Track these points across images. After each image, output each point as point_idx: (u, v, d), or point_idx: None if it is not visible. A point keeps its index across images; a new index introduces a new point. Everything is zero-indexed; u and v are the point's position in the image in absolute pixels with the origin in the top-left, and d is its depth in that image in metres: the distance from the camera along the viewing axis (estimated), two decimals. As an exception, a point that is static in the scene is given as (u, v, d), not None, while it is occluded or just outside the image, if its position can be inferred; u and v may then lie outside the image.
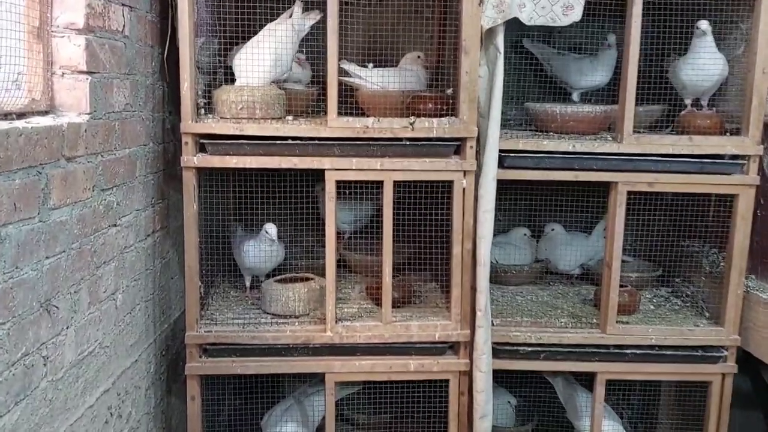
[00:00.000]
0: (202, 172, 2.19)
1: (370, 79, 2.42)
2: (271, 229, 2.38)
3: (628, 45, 2.17)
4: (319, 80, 2.51)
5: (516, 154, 2.24)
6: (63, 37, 1.66)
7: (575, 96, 2.68)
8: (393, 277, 2.22)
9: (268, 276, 2.48)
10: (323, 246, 2.19)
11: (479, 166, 2.18)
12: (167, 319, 2.37)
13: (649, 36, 2.50)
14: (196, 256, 2.17)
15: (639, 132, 2.33)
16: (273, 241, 2.42)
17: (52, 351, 1.51)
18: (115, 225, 1.90)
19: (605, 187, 2.31)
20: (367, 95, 2.36)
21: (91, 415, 1.71)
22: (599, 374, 2.34)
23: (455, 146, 2.18)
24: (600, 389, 2.36)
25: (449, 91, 2.22)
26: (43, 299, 1.47)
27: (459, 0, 2.09)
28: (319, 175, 2.18)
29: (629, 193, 2.26)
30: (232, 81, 2.26)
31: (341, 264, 2.71)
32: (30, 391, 1.41)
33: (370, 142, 2.13)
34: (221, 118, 2.16)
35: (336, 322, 2.19)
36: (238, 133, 2.09)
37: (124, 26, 1.92)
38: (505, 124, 2.42)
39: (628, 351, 2.33)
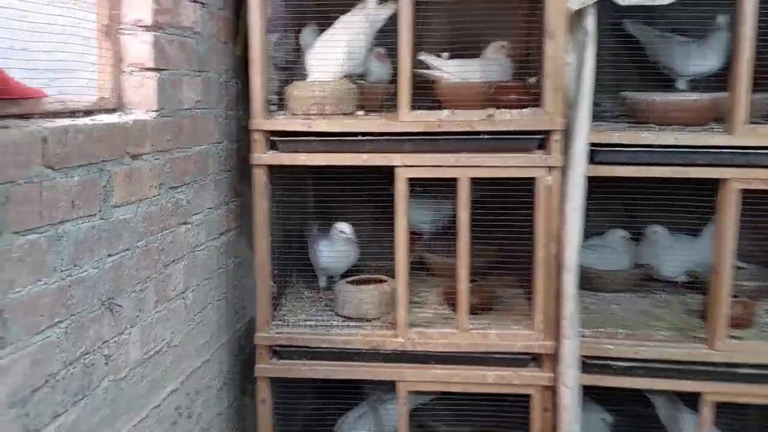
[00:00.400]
0: (276, 170, 2.16)
1: (449, 70, 2.30)
2: (344, 228, 2.32)
3: (742, 23, 1.91)
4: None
5: (609, 148, 2.04)
6: (131, 34, 1.67)
7: (681, 83, 2.42)
8: (472, 281, 2.09)
9: (343, 276, 2.42)
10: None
11: (566, 162, 2.00)
12: (241, 318, 2.36)
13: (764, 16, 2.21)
14: (267, 255, 2.13)
15: (754, 123, 2.05)
16: (347, 240, 2.36)
17: (114, 350, 1.51)
18: (185, 223, 1.89)
19: (715, 184, 2.06)
20: (446, 87, 2.24)
21: (156, 416, 1.71)
22: (706, 395, 2.09)
23: (539, 140, 2.02)
24: (707, 412, 2.11)
25: (532, 79, 2.06)
26: (105, 297, 1.47)
27: (544, -21, 1.93)
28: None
29: (743, 191, 2.00)
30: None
31: (420, 266, 2.60)
32: (90, 391, 1.41)
33: (445, 137, 2.01)
34: (292, 114, 2.11)
35: (408, 327, 2.09)
36: (306, 129, 2.03)
37: (195, 23, 1.92)
38: (597, 116, 2.22)
39: (741, 370, 2.06)
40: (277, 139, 2.08)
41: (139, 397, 1.62)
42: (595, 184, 2.04)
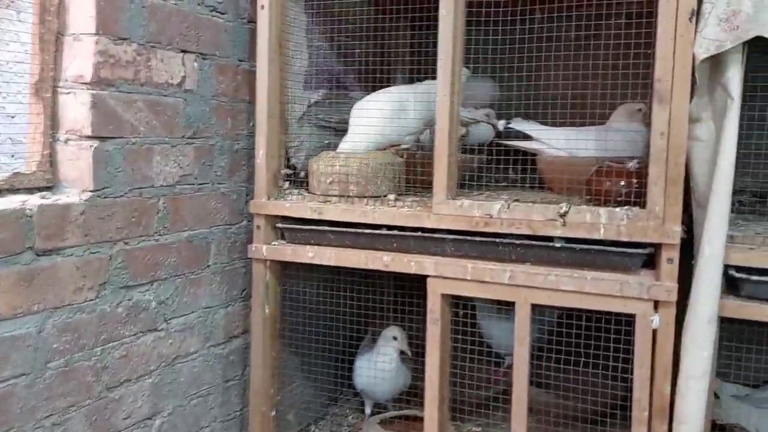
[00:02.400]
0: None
1: (555, 142, 1.73)
2: (395, 333, 1.82)
3: None
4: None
5: (764, 276, 1.30)
6: (69, 93, 1.36)
7: None
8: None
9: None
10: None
11: (685, 292, 1.30)
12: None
13: None
14: (265, 377, 1.68)
15: None
16: (393, 357, 1.83)
17: None
18: (153, 330, 1.52)
19: None
20: (546, 164, 1.70)
21: None
22: None
23: (642, 256, 1.34)
24: None
25: (632, 164, 1.40)
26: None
27: (654, 14, 1.29)
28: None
29: None
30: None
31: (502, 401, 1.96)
32: None
33: (498, 240, 1.42)
34: (310, 194, 1.67)
35: None
36: (316, 216, 1.57)
37: (184, 78, 1.57)
38: (739, 218, 1.48)
39: None
40: (284, 227, 1.64)
41: None
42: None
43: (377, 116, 1.64)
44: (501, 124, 1.82)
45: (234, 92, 1.76)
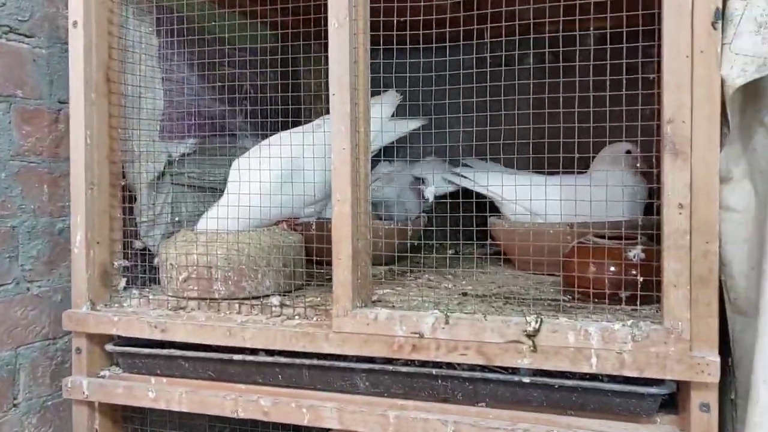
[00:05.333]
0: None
1: (505, 193, 1.31)
2: None
3: None
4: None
5: None
6: None
7: None
8: None
9: None
10: None
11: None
12: None
13: None
14: None
15: None
16: None
17: None
18: None
19: None
20: (503, 233, 1.26)
21: None
22: None
23: (660, 397, 0.88)
24: None
25: (634, 252, 0.95)
26: None
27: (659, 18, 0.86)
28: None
29: None
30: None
31: None
32: None
33: (436, 371, 0.95)
34: (162, 295, 1.18)
35: None
36: (158, 336, 1.07)
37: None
38: None
39: None
40: (116, 350, 1.14)
41: None
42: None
43: (260, 180, 1.16)
44: (429, 192, 1.36)
45: (53, 148, 1.27)
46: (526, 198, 1.36)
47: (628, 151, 1.45)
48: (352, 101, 0.96)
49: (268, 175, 1.16)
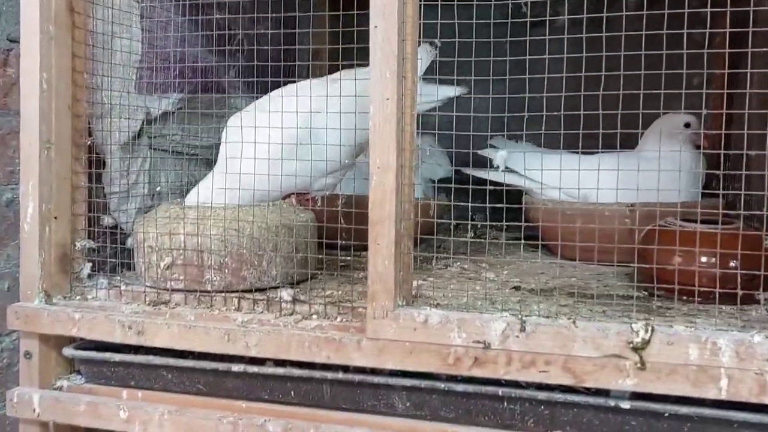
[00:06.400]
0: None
1: (545, 179, 1.12)
2: None
3: None
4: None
5: None
6: None
7: None
8: None
9: None
10: None
11: None
12: None
13: None
14: None
15: None
16: None
17: None
18: None
19: None
20: (542, 213, 1.13)
21: None
22: None
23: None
24: None
25: None
26: None
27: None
28: None
29: None
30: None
31: None
32: None
33: (502, 391, 0.74)
34: (137, 286, 0.94)
35: None
36: (134, 340, 0.84)
37: None
38: None
39: None
40: (78, 355, 0.90)
41: None
42: None
43: (268, 141, 0.93)
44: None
45: (0, 98, 1.02)
46: (572, 186, 1.16)
47: (687, 124, 1.26)
48: (400, 36, 0.73)
49: (280, 135, 0.92)
